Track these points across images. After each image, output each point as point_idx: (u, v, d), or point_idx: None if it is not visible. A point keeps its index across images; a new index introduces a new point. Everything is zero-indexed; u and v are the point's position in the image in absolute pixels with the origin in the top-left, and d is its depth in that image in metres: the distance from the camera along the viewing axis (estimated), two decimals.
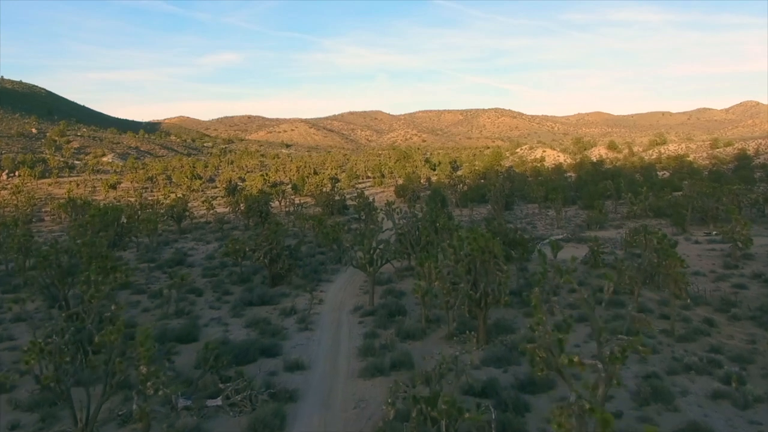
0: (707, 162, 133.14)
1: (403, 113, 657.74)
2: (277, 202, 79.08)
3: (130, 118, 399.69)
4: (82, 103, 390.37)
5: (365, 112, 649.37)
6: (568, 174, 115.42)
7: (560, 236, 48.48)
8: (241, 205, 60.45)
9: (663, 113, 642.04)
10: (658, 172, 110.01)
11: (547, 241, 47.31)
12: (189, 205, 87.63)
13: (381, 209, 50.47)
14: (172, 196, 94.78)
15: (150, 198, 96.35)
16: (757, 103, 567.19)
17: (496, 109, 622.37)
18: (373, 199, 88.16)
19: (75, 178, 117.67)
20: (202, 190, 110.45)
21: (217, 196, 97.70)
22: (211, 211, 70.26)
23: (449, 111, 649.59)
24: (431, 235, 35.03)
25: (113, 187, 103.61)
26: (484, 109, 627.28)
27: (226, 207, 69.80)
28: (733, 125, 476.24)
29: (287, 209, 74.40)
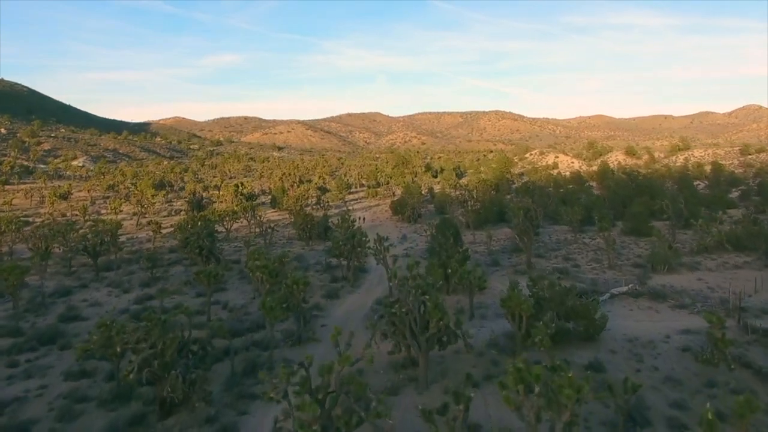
0: (742, 170, 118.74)
1: (402, 115, 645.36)
2: (245, 221, 64.43)
3: (127, 120, 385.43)
4: (69, 103, 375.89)
5: (364, 113, 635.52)
6: (589, 183, 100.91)
7: (624, 288, 33.89)
8: (190, 227, 45.59)
9: (665, 117, 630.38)
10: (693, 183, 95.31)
11: (608, 295, 32.79)
12: (142, 222, 73.01)
13: (370, 248, 35.69)
14: (128, 209, 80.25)
15: (100, 213, 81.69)
16: (760, 107, 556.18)
17: (496, 112, 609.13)
18: (363, 218, 73.56)
19: (26, 185, 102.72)
20: (170, 202, 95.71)
21: (181, 210, 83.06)
22: (158, 235, 55.52)
23: (449, 113, 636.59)
24: (446, 316, 20.45)
25: (64, 197, 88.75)
26: (484, 112, 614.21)
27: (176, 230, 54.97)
28: (737, 129, 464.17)
29: (256, 230, 59.68)
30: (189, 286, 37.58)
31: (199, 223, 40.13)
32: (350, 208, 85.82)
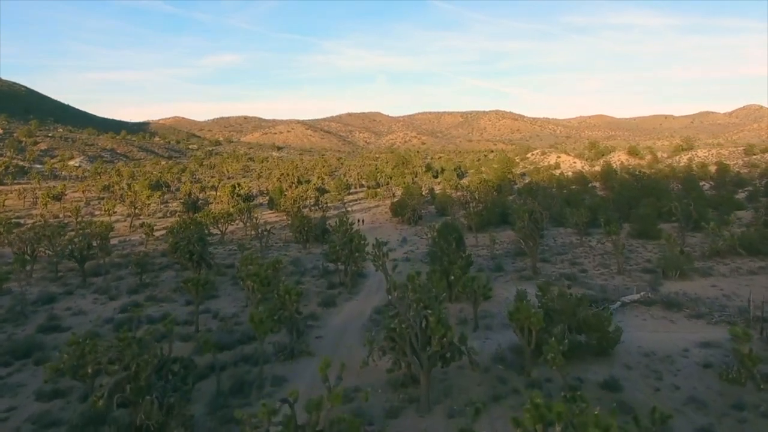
0: (747, 171, 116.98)
1: (402, 115, 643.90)
2: (241, 223, 62.77)
3: (126, 120, 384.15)
4: (68, 103, 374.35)
5: (364, 113, 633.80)
6: (593, 184, 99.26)
7: (635, 296, 32.20)
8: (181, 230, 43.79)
9: (665, 116, 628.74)
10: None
11: (619, 303, 31.12)
12: (135, 224, 71.29)
13: (369, 253, 34.01)
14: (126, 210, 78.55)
15: (93, 214, 80.00)
16: (761, 107, 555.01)
17: (496, 112, 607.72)
18: (362, 220, 71.87)
19: (20, 186, 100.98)
20: (166, 203, 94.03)
21: (177, 212, 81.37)
22: (151, 238, 53.85)
23: (449, 113, 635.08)
24: (449, 332, 18.78)
25: (57, 198, 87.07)
26: (484, 111, 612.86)
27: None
28: (738, 129, 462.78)
29: (252, 232, 58.01)
30: (178, 293, 35.86)
31: (191, 227, 38.30)
32: (349, 209, 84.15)
